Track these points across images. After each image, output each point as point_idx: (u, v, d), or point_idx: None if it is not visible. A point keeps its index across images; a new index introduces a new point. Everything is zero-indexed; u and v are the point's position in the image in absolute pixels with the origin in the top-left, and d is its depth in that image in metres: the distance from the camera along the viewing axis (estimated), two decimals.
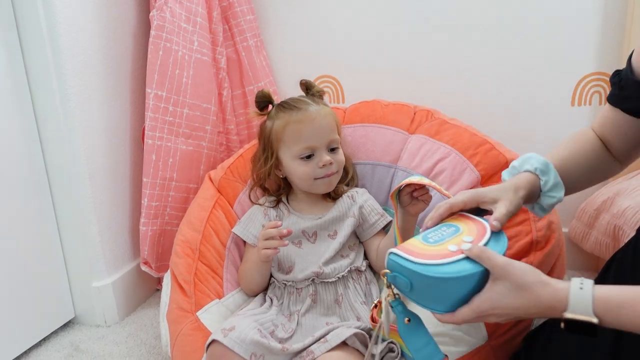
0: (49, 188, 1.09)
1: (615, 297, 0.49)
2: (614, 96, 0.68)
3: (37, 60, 1.01)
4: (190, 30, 1.17)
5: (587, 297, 0.49)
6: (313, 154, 0.89)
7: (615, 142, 0.70)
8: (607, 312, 0.48)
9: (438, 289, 0.55)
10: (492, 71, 1.20)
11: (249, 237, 0.94)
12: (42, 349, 1.07)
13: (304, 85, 0.97)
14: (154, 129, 1.13)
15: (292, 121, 0.89)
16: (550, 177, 0.66)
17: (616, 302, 0.48)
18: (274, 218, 0.94)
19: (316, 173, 0.89)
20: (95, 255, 1.12)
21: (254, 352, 0.70)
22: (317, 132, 0.89)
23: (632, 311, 0.47)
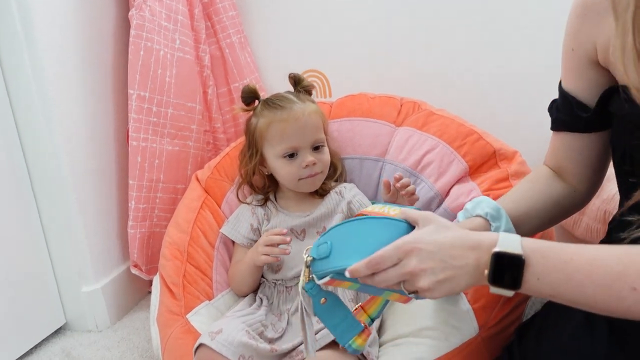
0: (32, 194, 1.07)
1: (543, 242, 0.50)
2: (563, 122, 0.66)
3: (14, 63, 0.99)
4: (171, 28, 1.15)
5: (516, 236, 0.50)
6: (296, 154, 0.88)
7: (572, 166, 0.68)
8: (536, 250, 0.48)
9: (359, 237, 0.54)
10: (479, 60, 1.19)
11: (238, 237, 0.93)
12: (33, 356, 1.06)
13: (292, 79, 0.95)
14: (138, 130, 1.11)
15: (276, 120, 0.88)
16: (502, 223, 0.65)
17: (542, 244, 0.49)
18: (262, 217, 0.93)
19: (300, 173, 0.88)
20: (83, 260, 1.11)
21: (242, 354, 0.69)
22: (300, 132, 0.87)
23: (555, 255, 0.48)
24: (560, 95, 0.67)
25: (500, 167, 0.92)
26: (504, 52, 1.17)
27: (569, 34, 0.62)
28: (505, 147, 0.95)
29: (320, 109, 0.94)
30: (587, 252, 0.48)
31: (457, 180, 0.94)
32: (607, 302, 0.46)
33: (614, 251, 0.47)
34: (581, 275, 0.47)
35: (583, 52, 0.60)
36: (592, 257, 0.47)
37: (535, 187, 0.72)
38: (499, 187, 0.89)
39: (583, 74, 0.61)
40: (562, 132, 0.68)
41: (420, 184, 0.96)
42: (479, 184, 0.91)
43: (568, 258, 0.48)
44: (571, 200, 0.70)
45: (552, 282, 0.48)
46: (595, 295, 0.46)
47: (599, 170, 0.68)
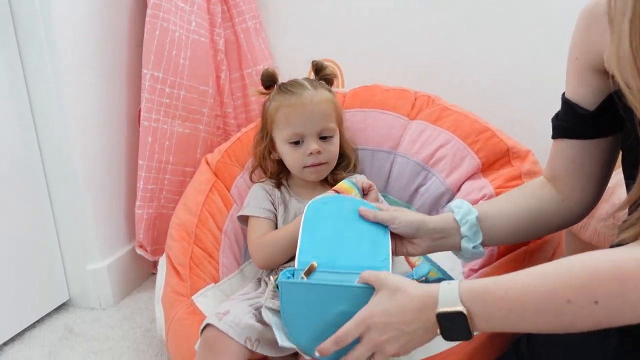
0: (42, 171, 1.07)
1: (477, 285, 0.52)
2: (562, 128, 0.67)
3: (30, 39, 0.99)
4: (187, 10, 1.14)
5: (454, 289, 0.52)
6: (302, 141, 0.87)
7: (565, 175, 0.68)
8: (473, 299, 0.51)
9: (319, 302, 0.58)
10: (496, 57, 1.18)
11: (261, 211, 0.89)
12: (36, 330, 1.06)
13: (314, 66, 0.94)
14: (150, 110, 1.11)
15: (285, 105, 0.87)
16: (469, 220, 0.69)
17: (479, 288, 0.51)
18: (277, 198, 0.92)
19: (304, 161, 0.87)
20: (90, 238, 1.11)
21: (249, 336, 0.69)
22: (306, 118, 0.86)
23: (491, 295, 0.50)
24: (562, 103, 0.67)
25: (513, 165, 0.92)
26: (523, 51, 1.16)
27: (574, 43, 0.63)
28: (519, 146, 0.94)
29: (335, 99, 0.92)
30: (518, 281, 0.50)
31: (469, 176, 0.94)
32: (551, 322, 0.48)
33: (540, 272, 0.50)
34: (518, 306, 0.49)
35: (587, 60, 0.60)
36: (523, 286, 0.49)
37: (518, 192, 0.73)
38: (511, 185, 0.89)
39: (586, 81, 0.62)
40: (560, 140, 0.68)
41: (432, 179, 0.96)
42: (491, 181, 0.91)
43: (503, 293, 0.50)
44: (557, 211, 0.70)
45: (498, 320, 0.50)
46: (538, 320, 0.48)
47: (595, 180, 0.67)
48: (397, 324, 0.54)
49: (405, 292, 0.55)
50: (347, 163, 0.95)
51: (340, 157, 0.93)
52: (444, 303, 0.52)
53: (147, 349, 0.98)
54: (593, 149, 0.65)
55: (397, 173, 1.01)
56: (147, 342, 1.00)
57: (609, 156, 0.66)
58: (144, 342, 1.00)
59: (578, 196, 0.69)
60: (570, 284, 0.47)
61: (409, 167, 0.99)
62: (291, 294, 0.59)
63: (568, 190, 0.69)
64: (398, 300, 0.55)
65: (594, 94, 0.62)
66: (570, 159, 0.67)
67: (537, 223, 0.71)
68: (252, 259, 0.89)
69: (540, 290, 0.48)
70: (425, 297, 0.53)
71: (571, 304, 0.46)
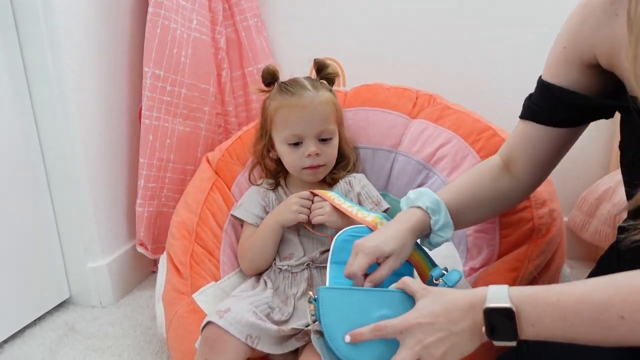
0: (43, 168, 1.07)
1: (528, 288, 0.51)
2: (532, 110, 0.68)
3: (32, 37, 0.99)
4: (189, 8, 1.14)
5: (504, 288, 0.51)
6: (301, 142, 0.87)
7: (523, 158, 0.70)
8: (524, 299, 0.50)
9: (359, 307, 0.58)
10: (498, 56, 1.18)
11: (251, 216, 0.92)
12: (36, 328, 1.06)
13: (316, 64, 0.92)
14: (151, 108, 1.11)
15: (284, 105, 0.86)
16: (441, 217, 0.69)
17: (529, 291, 0.50)
18: (273, 201, 0.93)
19: (303, 162, 0.87)
20: (91, 236, 1.11)
21: (250, 333, 0.69)
22: (306, 120, 0.85)
23: (544, 299, 0.49)
24: (538, 85, 0.67)
25: None
26: (525, 50, 1.16)
27: (565, 31, 0.63)
28: None
29: (335, 100, 0.91)
30: (572, 290, 0.49)
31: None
32: (601, 334, 0.47)
33: (598, 283, 0.48)
34: (571, 314, 0.48)
35: (575, 52, 0.60)
36: (578, 294, 0.48)
37: (478, 180, 0.74)
38: None
39: (568, 71, 0.62)
40: (526, 121, 0.69)
41: (433, 177, 0.96)
42: None
43: (555, 299, 0.49)
44: (512, 195, 0.74)
45: (547, 326, 0.49)
46: (588, 330, 0.47)
47: (546, 166, 0.71)
48: (443, 324, 0.52)
49: (451, 293, 0.54)
50: (347, 163, 0.95)
51: (339, 157, 0.93)
52: (492, 300, 0.50)
53: (148, 347, 0.98)
54: (555, 137, 0.67)
55: (398, 172, 1.01)
56: (147, 340, 1.00)
57: (565, 146, 0.69)
58: (144, 340, 1.00)
59: (528, 180, 0.72)
60: (628, 299, 0.45)
61: (410, 166, 0.99)
62: (332, 301, 0.58)
63: (521, 174, 0.71)
64: (444, 301, 0.54)
65: (574, 86, 0.62)
66: (532, 143, 0.68)
67: (493, 209, 0.75)
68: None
69: (595, 301, 0.47)
70: (472, 297, 0.52)
71: (623, 320, 0.45)
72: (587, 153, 1.20)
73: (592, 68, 0.61)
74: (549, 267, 0.83)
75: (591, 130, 1.24)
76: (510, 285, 0.52)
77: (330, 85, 0.93)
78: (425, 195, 0.71)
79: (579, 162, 1.21)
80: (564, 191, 1.22)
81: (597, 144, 1.19)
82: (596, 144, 1.19)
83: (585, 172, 1.21)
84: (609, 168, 1.20)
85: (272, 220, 0.87)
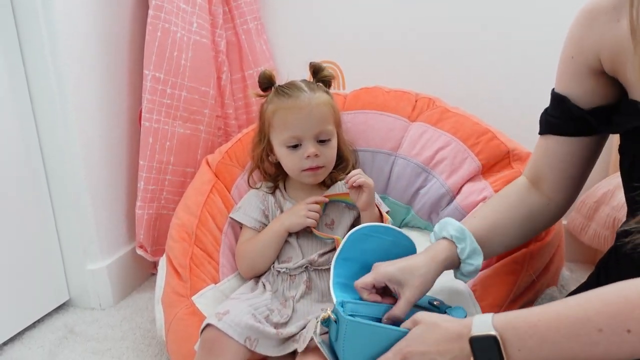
0: (43, 170, 1.07)
1: (511, 313, 0.52)
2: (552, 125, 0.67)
3: (32, 40, 0.99)
4: (189, 11, 1.15)
5: (488, 317, 0.52)
6: (300, 144, 0.86)
7: (551, 174, 0.68)
8: (506, 325, 0.51)
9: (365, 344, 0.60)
10: (497, 59, 1.19)
11: (250, 220, 0.92)
12: (35, 330, 1.06)
13: (312, 67, 0.92)
14: (151, 111, 1.11)
15: (282, 107, 0.86)
16: (467, 244, 0.67)
17: (511, 315, 0.52)
18: (272, 205, 0.92)
19: (302, 164, 0.86)
20: (90, 238, 1.11)
21: (249, 336, 0.69)
22: (304, 122, 0.85)
23: (524, 321, 0.50)
24: (552, 99, 0.67)
25: (513, 167, 0.92)
26: (524, 53, 1.16)
27: (571, 41, 0.63)
28: (520, 148, 0.95)
29: (332, 101, 0.91)
30: (551, 310, 0.50)
31: (470, 178, 0.94)
32: (584, 350, 0.47)
33: (574, 300, 0.49)
34: (552, 333, 0.48)
35: (583, 60, 0.60)
36: (555, 312, 0.49)
37: (505, 202, 0.73)
38: None
39: (581, 82, 0.62)
40: (547, 136, 0.68)
41: (432, 180, 0.96)
42: (491, 183, 0.91)
43: (535, 320, 0.50)
44: (544, 214, 0.70)
45: (532, 348, 0.50)
46: (571, 347, 0.48)
47: (577, 180, 0.68)
48: (434, 353, 0.54)
49: (442, 325, 0.56)
50: (346, 165, 0.95)
51: (338, 159, 0.93)
52: (477, 329, 0.52)
53: (147, 349, 0.98)
54: (581, 147, 0.66)
55: (398, 175, 1.01)
56: (146, 342, 1.00)
57: (593, 155, 0.67)
58: (143, 343, 1.00)
59: (562, 196, 0.69)
60: (602, 311, 0.46)
61: (410, 169, 1.00)
62: (354, 332, 0.61)
63: (552, 192, 0.69)
64: (434, 332, 0.56)
65: (587, 94, 0.62)
66: (558, 157, 0.67)
67: (527, 230, 0.72)
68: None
69: (572, 318, 0.48)
70: (460, 328, 0.54)
71: (602, 333, 0.46)
72: None
73: (601, 75, 0.61)
74: (548, 270, 0.83)
75: None
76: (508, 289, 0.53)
77: (327, 88, 0.93)
78: (449, 224, 0.69)
79: None
80: None
81: None
82: None
83: None
84: (608, 171, 1.21)
85: (278, 224, 0.87)
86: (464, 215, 0.90)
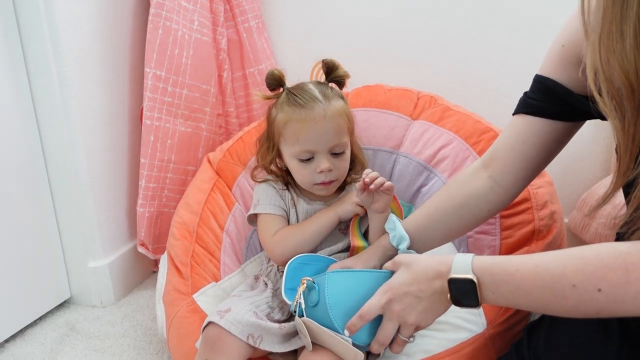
0: (45, 168, 1.07)
1: (490, 258, 0.55)
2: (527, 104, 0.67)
3: (34, 37, 0.99)
4: (190, 9, 1.14)
5: (467, 259, 0.55)
6: (312, 158, 0.81)
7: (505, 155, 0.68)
8: (485, 270, 0.54)
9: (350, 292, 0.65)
10: (499, 57, 1.18)
11: (277, 209, 0.86)
12: (37, 328, 1.06)
13: (325, 65, 0.84)
14: (152, 109, 1.11)
15: (294, 119, 0.79)
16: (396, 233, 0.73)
17: (491, 262, 0.54)
18: (289, 201, 0.88)
19: (314, 178, 0.81)
20: (92, 236, 1.11)
21: (251, 333, 0.69)
22: (318, 136, 0.79)
23: (503, 269, 0.53)
24: (536, 82, 0.67)
25: None
26: (525, 51, 1.16)
27: (565, 30, 0.63)
28: None
29: (347, 108, 0.84)
30: (531, 260, 0.52)
31: None
32: (555, 302, 0.50)
33: (554, 254, 0.52)
34: (527, 283, 0.51)
35: (574, 51, 0.61)
36: (534, 264, 0.52)
37: (445, 189, 0.75)
38: None
39: (567, 70, 0.62)
40: (521, 115, 0.67)
41: (434, 179, 0.96)
42: None
43: (514, 269, 0.52)
44: (487, 199, 0.70)
45: (505, 294, 0.53)
46: (542, 298, 0.51)
47: (532, 165, 0.68)
48: (414, 291, 0.58)
49: (420, 262, 0.59)
50: (359, 168, 0.90)
51: (350, 163, 0.87)
52: (456, 270, 0.55)
53: (148, 347, 0.98)
54: (550, 131, 0.65)
55: (399, 173, 1.01)
56: (147, 340, 1.00)
57: (557, 144, 0.67)
58: (144, 340, 1.00)
59: (511, 180, 0.69)
60: (580, 268, 0.48)
61: (411, 167, 1.00)
62: (336, 283, 0.65)
63: (502, 174, 0.69)
64: (413, 271, 0.59)
65: (571, 82, 0.62)
66: (522, 137, 0.67)
67: (465, 220, 0.72)
68: (271, 255, 0.85)
69: (550, 271, 0.50)
70: (439, 265, 0.57)
71: (575, 288, 0.48)
72: (587, 154, 1.20)
73: None
74: None
75: (591, 131, 1.25)
76: None
77: (340, 89, 0.86)
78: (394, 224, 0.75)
79: (579, 163, 1.21)
80: (565, 192, 1.22)
81: (597, 145, 1.19)
82: (596, 145, 1.19)
83: (585, 173, 1.21)
84: (609, 169, 1.20)
85: (332, 213, 0.83)
86: None
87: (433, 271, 0.57)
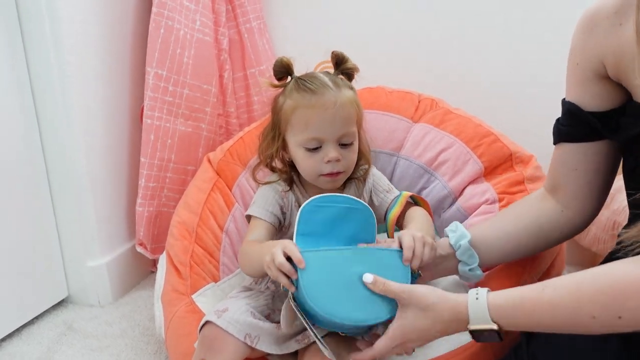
0: (44, 166, 1.07)
1: (505, 302, 0.55)
2: (563, 133, 0.67)
3: (35, 35, 0.99)
4: (192, 9, 1.15)
5: (483, 307, 0.55)
6: (320, 147, 0.77)
7: (566, 183, 0.68)
8: (503, 315, 0.55)
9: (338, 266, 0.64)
10: (501, 61, 1.18)
11: (266, 214, 0.81)
12: (35, 327, 1.06)
13: (334, 57, 0.81)
14: (153, 108, 1.11)
15: (303, 105, 0.76)
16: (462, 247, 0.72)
17: (505, 304, 0.55)
18: (292, 203, 0.84)
19: (321, 169, 0.77)
20: (91, 235, 1.11)
21: (249, 332, 0.69)
22: (328, 123, 0.75)
23: (521, 311, 0.54)
24: (563, 108, 0.67)
25: (515, 170, 0.92)
26: (527, 55, 1.16)
27: (574, 49, 0.63)
28: (522, 151, 0.95)
29: (357, 99, 0.80)
30: (545, 296, 0.53)
31: (472, 180, 0.94)
32: (578, 330, 0.52)
33: (568, 285, 0.52)
34: (547, 320, 0.53)
35: (588, 66, 0.61)
36: (549, 305, 0.52)
37: (512, 209, 0.74)
38: (513, 190, 0.89)
39: (587, 87, 0.62)
40: (561, 145, 0.68)
41: (434, 182, 0.96)
42: (494, 186, 0.91)
43: (530, 309, 0.54)
44: (558, 222, 0.69)
45: (527, 328, 0.56)
46: (565, 329, 0.53)
47: (594, 188, 0.67)
48: (431, 332, 0.59)
49: (435, 311, 0.58)
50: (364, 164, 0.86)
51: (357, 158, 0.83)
52: (475, 322, 0.56)
53: (146, 347, 0.98)
54: (594, 153, 0.65)
55: (400, 175, 1.01)
56: (145, 340, 1.00)
57: (610, 161, 0.66)
58: (142, 340, 1.00)
59: (579, 205, 0.68)
60: (597, 300, 0.49)
61: (412, 170, 1.00)
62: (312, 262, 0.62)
63: (568, 200, 0.68)
64: (430, 320, 0.58)
65: (596, 99, 0.62)
66: (571, 165, 0.66)
67: (536, 238, 0.71)
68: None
69: (566, 307, 0.51)
70: (455, 313, 0.57)
71: (595, 319, 0.49)
72: None
73: (607, 79, 0.61)
74: (549, 274, 0.83)
75: None
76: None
77: (349, 81, 0.83)
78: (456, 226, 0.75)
79: None
80: None
81: None
82: None
83: None
84: None
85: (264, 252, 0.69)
86: (466, 217, 0.90)
87: (450, 319, 0.58)
